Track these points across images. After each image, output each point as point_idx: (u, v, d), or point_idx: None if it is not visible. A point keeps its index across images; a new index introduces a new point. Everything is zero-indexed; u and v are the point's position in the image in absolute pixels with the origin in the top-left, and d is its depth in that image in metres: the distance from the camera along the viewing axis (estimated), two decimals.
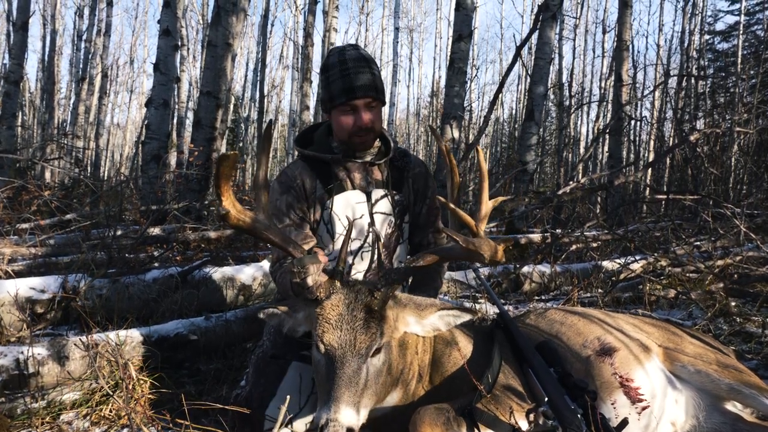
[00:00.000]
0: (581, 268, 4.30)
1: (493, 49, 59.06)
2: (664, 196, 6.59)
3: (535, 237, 5.25)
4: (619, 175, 6.99)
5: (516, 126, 20.69)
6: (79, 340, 2.12)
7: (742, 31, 16.01)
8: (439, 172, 6.02)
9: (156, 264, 3.65)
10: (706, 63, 17.55)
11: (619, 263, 4.20)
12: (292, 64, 23.57)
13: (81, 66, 18.61)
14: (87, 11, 18.75)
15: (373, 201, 2.08)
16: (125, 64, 29.75)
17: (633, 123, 16.05)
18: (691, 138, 6.40)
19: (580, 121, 22.75)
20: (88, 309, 2.82)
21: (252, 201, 6.15)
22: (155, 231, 4.57)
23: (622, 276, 3.96)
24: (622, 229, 5.79)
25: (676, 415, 1.74)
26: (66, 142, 13.29)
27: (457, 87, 5.89)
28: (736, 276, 3.98)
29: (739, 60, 15.02)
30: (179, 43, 9.66)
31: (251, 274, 3.45)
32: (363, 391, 1.39)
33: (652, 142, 16.96)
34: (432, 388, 1.66)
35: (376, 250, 2.06)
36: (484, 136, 22.38)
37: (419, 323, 1.59)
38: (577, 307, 2.85)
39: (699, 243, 4.73)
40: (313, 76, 14.66)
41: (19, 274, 3.31)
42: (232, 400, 1.83)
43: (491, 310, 3.30)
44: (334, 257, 1.99)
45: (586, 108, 22.29)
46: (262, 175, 1.59)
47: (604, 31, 21.08)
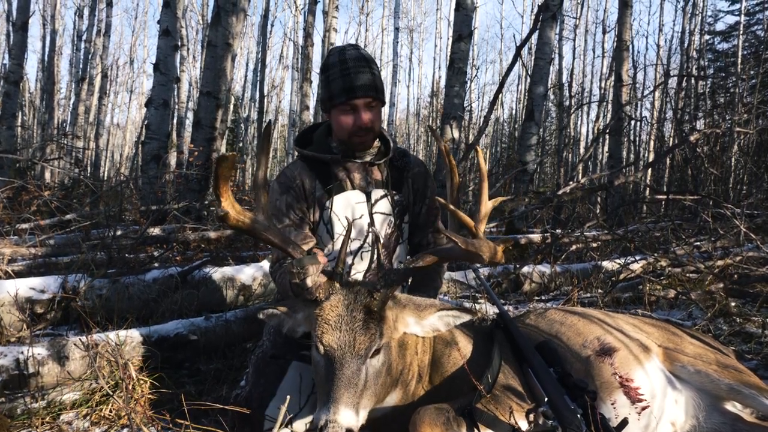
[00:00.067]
0: (581, 269, 4.30)
1: (493, 49, 59.12)
2: (664, 197, 6.59)
3: (535, 237, 5.25)
4: (619, 175, 6.99)
5: (516, 126, 20.69)
6: (79, 340, 2.12)
7: (742, 32, 16.01)
8: (439, 172, 6.02)
9: (156, 264, 3.65)
10: (706, 63, 17.55)
11: (619, 263, 4.20)
12: (292, 64, 23.58)
13: (81, 66, 18.62)
14: (87, 11, 18.76)
15: (372, 201, 2.07)
16: (125, 64, 29.78)
17: (633, 123, 16.06)
18: (691, 138, 6.40)
19: (580, 121, 22.75)
20: (88, 309, 2.82)
21: (251, 201, 6.16)
22: (155, 231, 4.57)
23: (621, 276, 3.96)
24: (622, 229, 5.79)
25: (675, 415, 1.74)
26: (66, 143, 13.29)
27: (457, 87, 5.89)
28: (736, 276, 3.98)
29: (739, 60, 15.02)
30: (179, 43, 9.67)
31: (251, 274, 3.45)
32: (362, 391, 1.39)
33: (652, 143, 16.97)
34: (432, 389, 1.66)
35: (376, 251, 2.07)
36: (484, 136, 22.38)
37: (419, 324, 1.58)
38: (576, 307, 2.85)
39: (699, 243, 4.73)
40: (313, 76, 14.66)
41: (19, 275, 3.31)
42: (232, 400, 1.83)
43: (491, 310, 3.29)
44: (334, 257, 1.98)
45: (586, 108, 22.30)
46: (261, 175, 1.59)
47: (604, 32, 21.08)
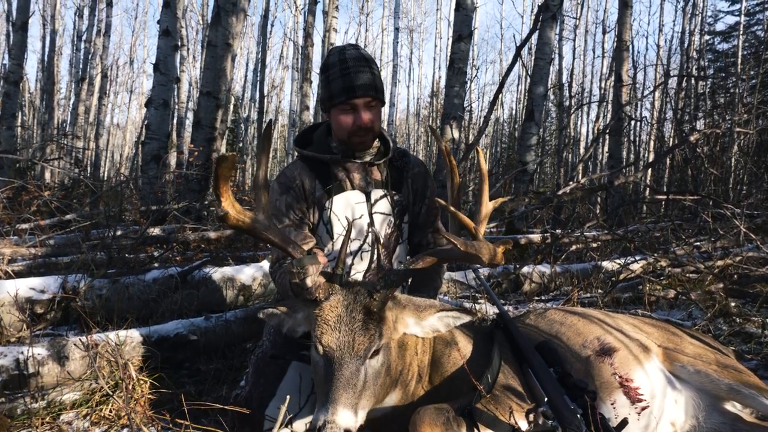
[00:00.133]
0: (581, 269, 4.30)
1: (493, 49, 59.06)
2: (664, 197, 6.59)
3: (535, 237, 5.25)
4: (619, 175, 6.99)
5: (516, 126, 20.70)
6: (79, 340, 2.12)
7: (742, 32, 16.01)
8: (439, 172, 6.02)
9: (156, 264, 3.65)
10: (706, 63, 17.55)
11: (618, 263, 4.20)
12: (292, 65, 23.59)
13: (81, 66, 18.63)
14: (87, 11, 18.76)
15: (372, 201, 2.07)
16: (125, 64, 29.79)
17: (633, 123, 16.06)
18: (691, 138, 6.40)
19: (580, 122, 22.76)
20: (88, 309, 2.82)
21: (251, 201, 6.16)
22: (155, 231, 4.57)
23: (621, 276, 3.96)
24: (622, 229, 5.79)
25: (675, 415, 1.74)
26: (66, 143, 13.29)
27: (457, 87, 5.89)
28: (735, 276, 3.98)
29: (739, 60, 15.02)
30: (179, 43, 9.67)
31: (251, 274, 3.45)
32: (361, 392, 1.39)
33: (652, 143, 16.97)
34: (432, 389, 1.66)
35: (376, 251, 2.07)
36: (484, 136, 22.38)
37: (419, 324, 1.58)
38: (576, 307, 2.85)
39: (699, 243, 4.73)
40: (313, 76, 14.67)
41: (19, 275, 3.31)
42: (231, 400, 1.83)
43: (491, 311, 3.29)
44: (334, 257, 1.99)
45: (586, 108, 22.30)
46: (262, 175, 1.59)
47: (604, 32, 21.09)
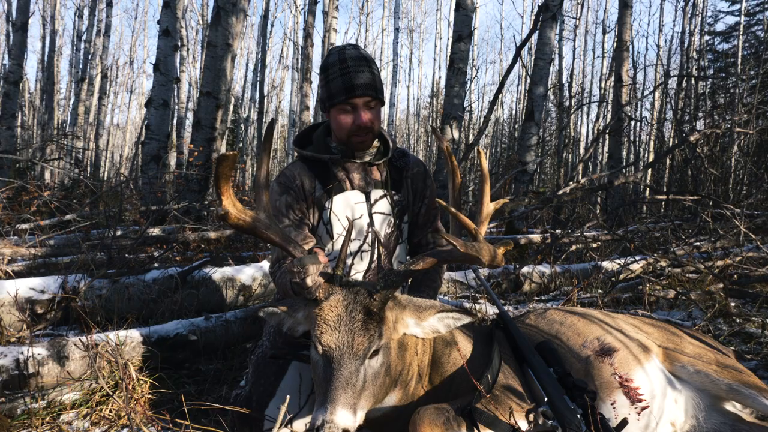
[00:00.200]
0: (581, 269, 4.30)
1: (493, 49, 59.07)
2: (664, 197, 6.59)
3: (535, 237, 5.25)
4: (619, 175, 6.99)
5: (516, 126, 20.70)
6: (79, 340, 2.12)
7: (742, 32, 16.02)
8: (439, 172, 6.02)
9: (156, 264, 3.65)
10: (706, 63, 17.55)
11: (618, 264, 4.20)
12: (292, 65, 23.61)
13: (81, 66, 18.64)
14: (87, 12, 18.77)
15: (372, 201, 2.07)
16: (125, 64, 29.82)
17: (633, 123, 16.07)
18: (691, 138, 6.39)
19: (580, 122, 22.77)
20: (88, 309, 2.83)
21: (252, 201, 6.16)
22: (155, 231, 4.57)
23: (621, 276, 3.96)
24: (621, 229, 5.79)
25: (675, 415, 1.74)
26: (66, 143, 13.29)
27: (457, 87, 5.90)
28: (735, 276, 3.98)
29: (739, 61, 15.03)
30: (179, 43, 9.67)
31: (251, 274, 3.45)
32: (360, 392, 1.39)
33: (652, 143, 16.98)
34: (432, 389, 1.66)
35: (376, 251, 2.07)
36: (484, 136, 22.38)
37: (419, 325, 1.58)
38: (576, 307, 2.85)
39: (699, 243, 4.72)
40: (313, 76, 14.69)
41: (18, 275, 3.31)
42: (231, 400, 1.83)
43: (491, 311, 3.29)
44: (334, 257, 1.99)
45: (586, 108, 22.31)
46: (263, 174, 1.59)
47: (604, 32, 21.10)
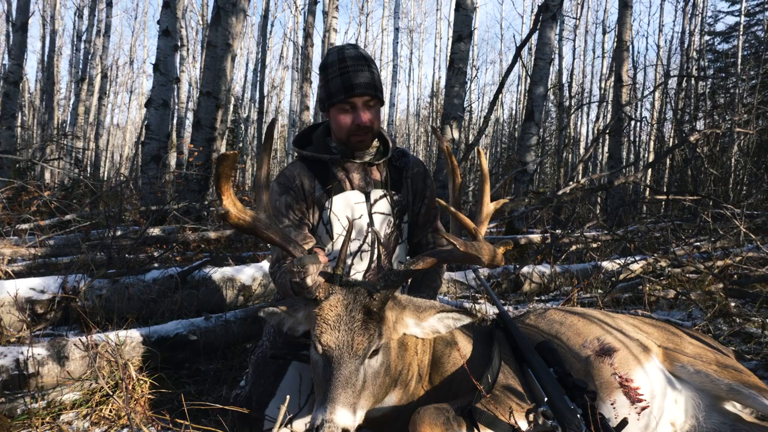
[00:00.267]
0: (581, 269, 4.30)
1: (493, 49, 59.06)
2: (664, 197, 6.59)
3: (535, 237, 5.25)
4: (619, 175, 6.99)
5: (516, 126, 20.70)
6: (79, 340, 2.12)
7: (742, 32, 16.03)
8: (439, 172, 6.02)
9: (156, 264, 3.65)
10: (706, 64, 17.55)
11: (618, 264, 4.20)
12: (292, 65, 23.61)
13: (81, 66, 18.64)
14: (87, 12, 18.78)
15: (372, 201, 2.07)
16: (125, 64, 29.82)
17: (633, 123, 16.06)
18: (691, 138, 6.39)
19: (580, 122, 22.78)
20: (88, 309, 2.83)
21: (252, 201, 6.17)
22: (155, 231, 4.57)
23: (621, 276, 3.96)
24: (621, 229, 5.79)
25: (675, 415, 1.74)
26: (66, 143, 13.30)
27: (457, 87, 5.90)
28: (735, 276, 3.98)
29: (739, 61, 15.03)
30: (179, 43, 9.67)
31: (251, 274, 3.45)
32: (360, 392, 1.39)
33: (652, 143, 16.98)
34: (431, 389, 1.66)
35: (376, 251, 2.07)
36: (484, 136, 22.38)
37: (419, 325, 1.58)
38: (576, 307, 2.85)
39: (699, 243, 4.72)
40: (313, 76, 14.68)
41: (18, 275, 3.31)
42: (231, 400, 1.83)
43: (491, 311, 3.29)
44: (334, 257, 1.99)
45: (586, 108, 22.31)
46: (263, 174, 1.58)
47: (604, 32, 21.11)
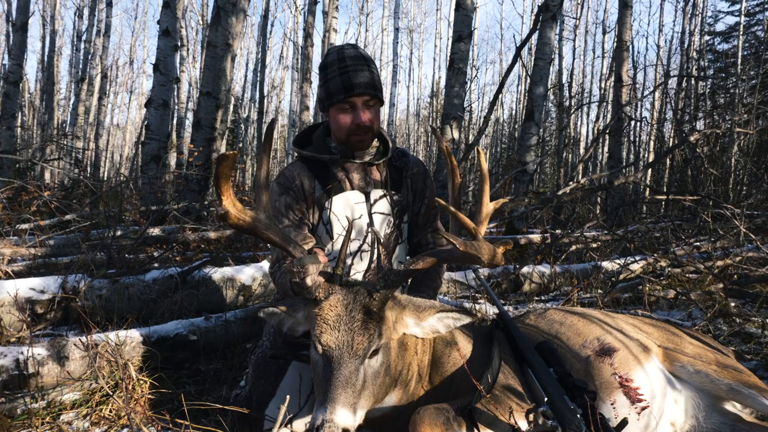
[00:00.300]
0: (581, 269, 4.30)
1: (493, 49, 59.00)
2: (664, 197, 6.59)
3: (535, 237, 5.25)
4: (619, 175, 6.99)
5: (516, 126, 20.70)
6: (79, 340, 2.12)
7: (742, 32, 16.03)
8: (439, 172, 6.03)
9: (156, 264, 3.65)
10: (706, 64, 17.55)
11: (618, 264, 4.20)
12: (291, 65, 23.61)
13: (81, 66, 18.64)
14: (87, 12, 18.78)
15: (371, 201, 2.07)
16: (125, 64, 29.82)
17: (633, 123, 16.07)
18: (691, 138, 6.39)
19: (580, 122, 22.77)
20: (88, 309, 2.83)
21: (252, 201, 6.17)
22: (155, 231, 4.57)
23: (621, 276, 3.96)
24: (621, 229, 5.79)
25: (675, 415, 1.74)
26: (66, 143, 13.30)
27: (457, 87, 5.90)
28: (735, 276, 3.98)
29: (739, 61, 15.03)
30: (179, 43, 9.67)
31: (251, 274, 3.45)
32: (360, 392, 1.39)
33: (652, 143, 16.98)
34: (431, 389, 1.66)
35: (376, 251, 2.07)
36: (484, 136, 22.38)
37: (418, 325, 1.58)
38: (576, 307, 2.85)
39: (699, 244, 4.73)
40: (313, 76, 14.67)
41: (18, 275, 3.31)
42: (231, 400, 1.83)
43: (491, 311, 3.29)
44: (334, 257, 1.99)
45: (586, 108, 22.32)
46: (263, 174, 1.58)
47: (604, 32, 21.11)
